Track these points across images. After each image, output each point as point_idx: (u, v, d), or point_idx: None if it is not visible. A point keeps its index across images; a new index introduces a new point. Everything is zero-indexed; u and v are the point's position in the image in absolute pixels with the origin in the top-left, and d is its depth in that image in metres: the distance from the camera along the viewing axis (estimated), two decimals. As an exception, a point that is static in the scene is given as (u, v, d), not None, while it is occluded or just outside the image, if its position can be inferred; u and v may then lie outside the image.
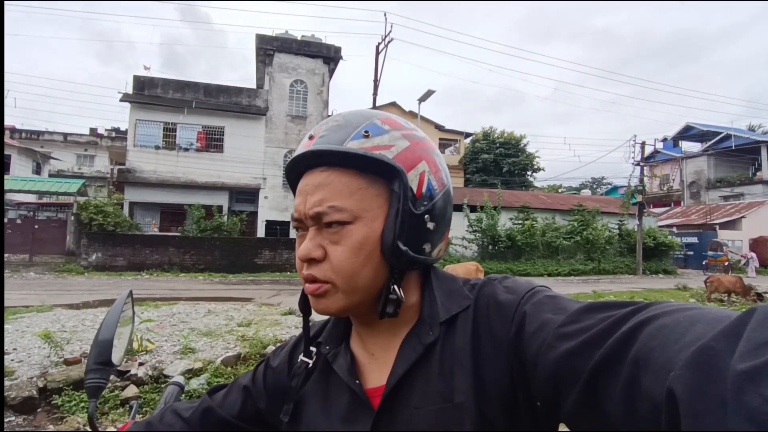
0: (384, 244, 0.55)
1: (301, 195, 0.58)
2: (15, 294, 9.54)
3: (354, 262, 0.55)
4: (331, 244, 0.55)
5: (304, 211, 0.57)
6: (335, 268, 0.55)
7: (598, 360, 0.38)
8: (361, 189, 0.56)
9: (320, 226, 0.56)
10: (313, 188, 0.57)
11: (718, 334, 0.29)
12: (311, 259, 0.55)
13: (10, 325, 5.87)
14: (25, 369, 4.13)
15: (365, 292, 0.57)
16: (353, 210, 0.55)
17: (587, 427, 0.41)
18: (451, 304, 0.59)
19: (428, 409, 0.53)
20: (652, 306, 0.39)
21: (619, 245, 22.69)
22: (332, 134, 0.57)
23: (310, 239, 0.56)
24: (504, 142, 32.25)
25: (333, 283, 0.55)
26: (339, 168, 0.56)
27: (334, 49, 21.99)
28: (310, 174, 0.58)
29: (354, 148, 0.55)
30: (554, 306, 0.50)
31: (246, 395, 0.71)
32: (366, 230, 0.55)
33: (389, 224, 0.55)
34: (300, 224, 0.59)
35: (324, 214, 0.55)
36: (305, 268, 0.57)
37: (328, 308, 0.57)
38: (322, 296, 0.56)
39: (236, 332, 5.88)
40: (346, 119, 0.59)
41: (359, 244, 0.55)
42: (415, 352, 0.56)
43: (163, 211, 19.69)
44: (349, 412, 0.59)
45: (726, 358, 0.27)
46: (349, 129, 0.57)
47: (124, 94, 19.27)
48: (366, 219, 0.55)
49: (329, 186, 0.56)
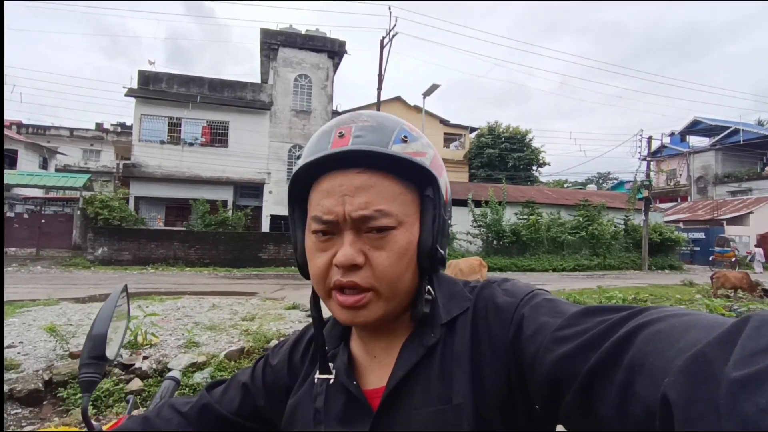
0: (422, 249, 0.56)
1: (334, 196, 0.54)
2: (22, 288, 9.63)
3: (398, 268, 0.54)
4: (374, 250, 0.54)
5: (343, 214, 0.53)
6: (379, 274, 0.53)
7: (593, 363, 0.39)
8: (401, 194, 0.56)
9: (360, 231, 0.54)
10: (353, 189, 0.54)
11: (713, 341, 0.29)
12: (354, 265, 0.53)
13: (16, 319, 5.93)
14: (31, 362, 4.16)
15: (403, 297, 0.57)
16: (398, 215, 0.54)
17: (582, 429, 0.41)
18: (451, 306, 0.59)
19: (426, 410, 0.53)
20: (648, 310, 0.40)
21: (625, 241, 22.58)
22: (370, 135, 0.55)
23: (350, 244, 0.53)
24: (509, 137, 32.08)
25: (376, 291, 0.54)
26: (379, 171, 0.55)
27: (339, 43, 21.91)
28: (344, 174, 0.55)
29: (400, 153, 0.55)
30: (552, 309, 0.50)
31: (245, 392, 0.70)
32: (408, 235, 0.55)
33: (427, 229, 0.56)
34: (331, 227, 0.55)
35: (371, 218, 0.53)
36: (342, 274, 0.53)
37: (368, 319, 0.55)
38: (363, 308, 0.54)
39: (240, 326, 5.91)
40: (378, 121, 0.58)
41: (404, 249, 0.54)
42: (417, 353, 0.56)
43: (168, 206, 19.81)
44: (346, 412, 0.58)
45: (720, 365, 0.27)
46: (387, 132, 0.56)
47: (129, 89, 19.31)
48: (407, 224, 0.55)
49: (373, 189, 0.54)
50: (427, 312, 0.57)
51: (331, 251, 0.55)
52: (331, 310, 0.58)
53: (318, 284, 0.57)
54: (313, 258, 0.57)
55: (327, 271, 0.55)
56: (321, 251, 0.56)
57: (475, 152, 32.54)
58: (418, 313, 0.57)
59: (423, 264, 0.56)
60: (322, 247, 0.56)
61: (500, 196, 20.56)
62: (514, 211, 20.99)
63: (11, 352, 4.40)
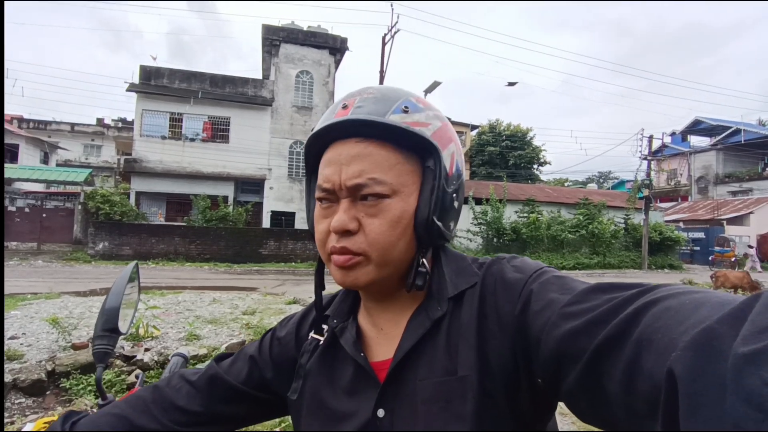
0: (418, 219, 0.56)
1: (333, 165, 0.57)
2: (23, 281, 9.66)
3: (390, 236, 0.55)
4: (368, 217, 0.55)
5: (339, 182, 0.55)
6: (371, 240, 0.55)
7: (601, 339, 0.38)
8: (398, 164, 0.56)
9: (355, 198, 0.56)
10: (349, 158, 0.56)
11: (723, 317, 0.29)
12: (346, 231, 0.55)
13: (18, 311, 5.96)
14: (34, 353, 4.19)
15: (396, 265, 0.57)
16: (392, 184, 0.55)
17: (586, 405, 0.41)
18: (459, 280, 0.60)
19: (431, 381, 0.54)
20: (658, 288, 0.39)
21: (625, 239, 22.55)
22: (370, 105, 0.56)
23: (344, 211, 0.55)
24: (510, 135, 32.09)
25: (366, 256, 0.55)
26: (377, 141, 0.56)
27: (341, 39, 21.85)
28: (343, 144, 0.57)
29: (397, 122, 0.55)
30: (561, 286, 0.50)
31: (252, 364, 0.71)
32: (403, 205, 0.56)
33: (425, 200, 0.56)
34: (329, 195, 0.57)
35: (364, 186, 0.55)
36: (336, 240, 0.55)
37: (357, 280, 0.56)
38: (353, 268, 0.56)
39: (241, 320, 5.94)
40: (382, 93, 0.59)
41: (397, 218, 0.55)
42: (423, 326, 0.57)
43: (169, 201, 19.80)
44: (353, 384, 0.59)
45: (728, 340, 0.27)
46: (388, 103, 0.57)
47: (130, 84, 19.30)
48: (403, 194, 0.56)
49: (368, 158, 0.55)
50: (420, 284, 0.57)
51: (331, 218, 0.57)
52: (331, 272, 0.60)
53: (320, 248, 0.59)
54: (317, 224, 0.59)
55: (327, 236, 0.57)
56: (323, 218, 0.58)
57: (476, 150, 32.55)
58: (409, 285, 0.57)
59: (419, 235, 0.57)
60: (324, 214, 0.58)
61: (501, 194, 20.54)
62: (515, 209, 20.97)
63: (14, 343, 4.43)
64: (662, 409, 0.29)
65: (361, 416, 0.56)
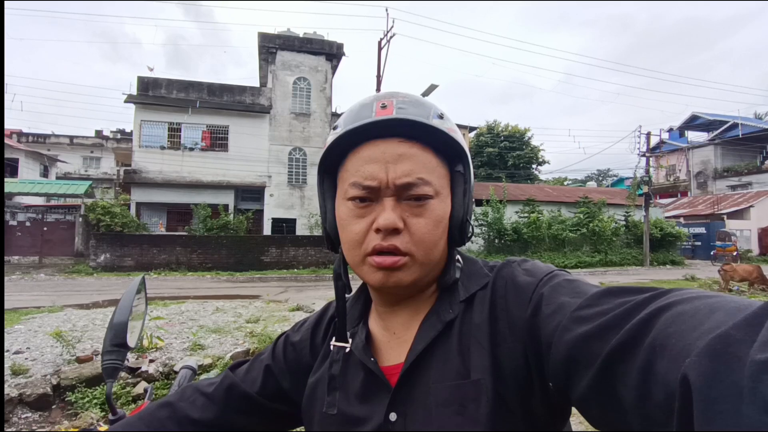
0: (454, 221, 0.59)
1: (376, 162, 0.56)
2: (26, 295, 9.67)
3: (434, 235, 0.56)
4: (413, 217, 0.56)
5: (386, 180, 0.55)
6: (417, 240, 0.55)
7: (614, 344, 0.38)
8: (437, 167, 0.58)
9: (399, 198, 0.56)
10: (395, 157, 0.55)
11: (739, 323, 0.28)
12: (395, 229, 0.54)
13: (22, 325, 5.95)
14: (39, 367, 4.19)
15: (435, 264, 0.59)
16: (435, 185, 0.57)
17: (598, 412, 0.40)
18: (470, 283, 0.60)
19: (444, 384, 0.53)
20: (671, 292, 0.39)
21: (626, 237, 22.54)
22: (411, 108, 0.57)
23: (392, 209, 0.55)
24: (508, 136, 32.14)
25: (412, 255, 0.55)
26: (419, 143, 0.57)
27: (337, 45, 21.93)
28: (385, 142, 0.56)
29: (441, 127, 0.57)
30: (572, 289, 0.50)
31: (267, 373, 0.71)
32: (443, 206, 0.58)
33: (459, 202, 0.59)
34: (370, 193, 0.56)
35: (413, 186, 0.55)
36: (383, 238, 0.54)
37: (401, 281, 0.56)
38: (398, 269, 0.55)
39: (244, 329, 5.93)
40: (416, 98, 0.60)
41: (440, 219, 0.57)
42: (435, 329, 0.57)
43: (169, 211, 19.80)
44: (365, 388, 0.59)
45: (745, 347, 0.26)
46: (426, 108, 0.58)
47: (128, 96, 19.34)
48: (442, 195, 0.58)
49: (414, 158, 0.56)
50: (458, 278, 0.60)
51: (370, 217, 0.56)
52: (362, 275, 0.59)
53: (353, 250, 0.58)
54: (349, 224, 0.58)
55: (364, 236, 0.56)
56: (358, 217, 0.57)
57: (474, 151, 32.58)
58: (451, 278, 0.60)
59: (453, 235, 0.60)
60: (360, 213, 0.57)
61: (501, 195, 20.57)
62: (515, 210, 20.98)
63: (19, 358, 4.42)
64: (677, 417, 0.28)
65: (373, 421, 0.56)
